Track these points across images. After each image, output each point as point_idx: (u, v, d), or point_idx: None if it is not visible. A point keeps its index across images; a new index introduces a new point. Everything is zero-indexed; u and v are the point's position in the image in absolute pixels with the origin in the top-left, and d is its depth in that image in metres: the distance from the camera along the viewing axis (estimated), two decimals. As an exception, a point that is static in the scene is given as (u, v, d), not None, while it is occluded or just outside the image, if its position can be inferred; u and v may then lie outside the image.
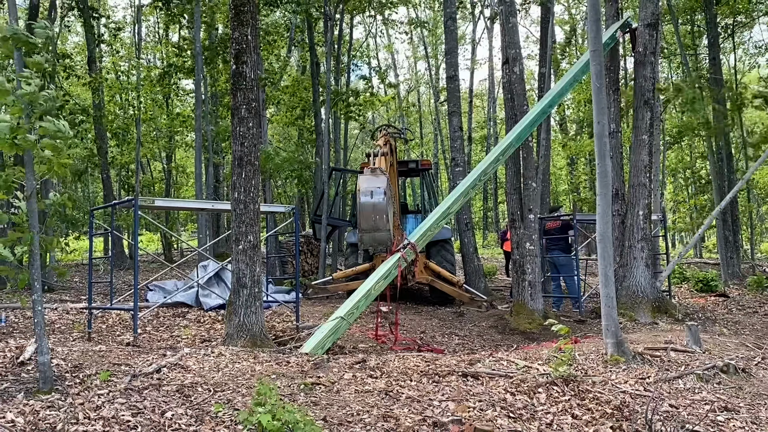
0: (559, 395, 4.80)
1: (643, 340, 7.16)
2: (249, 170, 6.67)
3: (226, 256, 15.09)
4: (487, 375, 5.34)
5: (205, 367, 5.28)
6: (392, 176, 10.60)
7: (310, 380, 4.94)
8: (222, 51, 15.96)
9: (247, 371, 5.19)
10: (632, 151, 10.17)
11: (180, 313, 9.86)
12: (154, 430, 3.67)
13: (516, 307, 9.55)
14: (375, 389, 4.80)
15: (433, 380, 5.18)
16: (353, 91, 17.60)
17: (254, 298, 6.55)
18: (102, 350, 6.18)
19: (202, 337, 7.82)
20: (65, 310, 9.87)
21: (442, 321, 10.02)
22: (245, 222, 6.61)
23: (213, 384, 4.68)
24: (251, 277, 6.55)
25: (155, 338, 7.85)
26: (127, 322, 8.94)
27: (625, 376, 5.38)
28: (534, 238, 9.59)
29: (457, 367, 5.63)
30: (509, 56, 9.92)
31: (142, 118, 20.22)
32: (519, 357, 6.38)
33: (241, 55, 6.72)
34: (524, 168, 9.79)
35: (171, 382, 4.69)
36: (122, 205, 8.95)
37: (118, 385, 4.54)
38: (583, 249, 22.63)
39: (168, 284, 11.68)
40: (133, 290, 7.96)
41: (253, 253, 6.60)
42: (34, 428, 3.64)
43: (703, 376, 5.39)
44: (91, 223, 9.04)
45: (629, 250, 9.84)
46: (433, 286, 11.34)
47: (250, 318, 6.49)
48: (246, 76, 6.71)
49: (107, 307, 8.91)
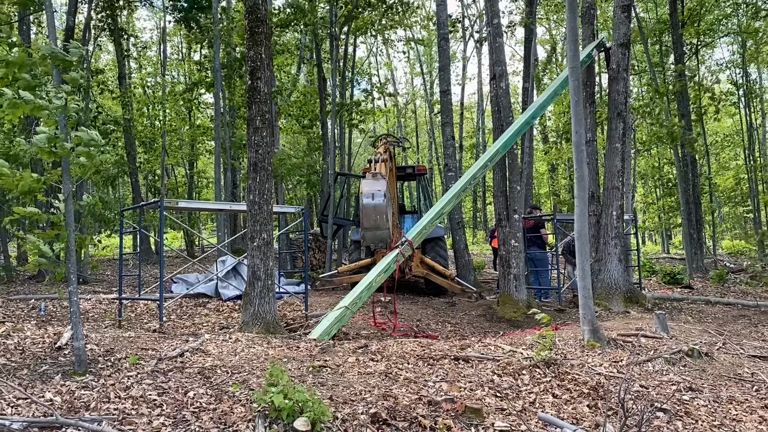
0: (541, 377, 4.80)
1: (616, 327, 7.16)
2: (263, 175, 6.67)
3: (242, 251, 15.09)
4: (477, 359, 5.34)
5: (224, 351, 5.28)
6: (391, 180, 10.59)
7: (317, 363, 4.94)
8: (238, 68, 15.95)
9: (261, 355, 5.19)
10: (606, 158, 10.17)
11: (201, 303, 9.86)
12: (177, 407, 3.67)
13: (502, 297, 9.55)
14: (376, 371, 4.80)
15: (428, 363, 5.18)
16: (356, 102, 17.56)
17: (267, 289, 6.55)
18: (131, 336, 6.18)
19: (220, 325, 7.82)
20: (98, 300, 9.86)
21: (436, 310, 10.02)
22: (259, 221, 6.62)
23: (230, 366, 4.67)
24: (265, 270, 6.55)
25: (179, 325, 7.85)
26: (154, 311, 8.93)
27: (600, 359, 5.38)
28: (518, 235, 9.60)
29: (449, 352, 5.63)
30: (496, 72, 9.91)
31: (166, 129, 20.22)
32: (505, 342, 6.38)
33: (256, 71, 6.71)
34: (510, 173, 9.80)
35: (193, 364, 4.69)
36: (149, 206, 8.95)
37: (145, 367, 4.54)
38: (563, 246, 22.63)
39: (190, 277, 11.68)
40: (159, 282, 7.96)
41: (266, 249, 6.60)
42: (70, 406, 3.64)
43: (670, 359, 5.39)
44: (122, 223, 9.05)
45: (604, 246, 9.84)
46: (428, 278, 11.33)
47: (264, 307, 6.49)
48: (260, 91, 6.70)
49: (136, 298, 8.91)
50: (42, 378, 4.20)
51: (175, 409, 3.65)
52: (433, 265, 11.27)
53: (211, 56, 16.47)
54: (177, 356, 4.92)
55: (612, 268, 9.68)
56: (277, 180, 15.02)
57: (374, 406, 3.80)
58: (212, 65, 15.80)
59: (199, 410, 3.64)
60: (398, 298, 11.23)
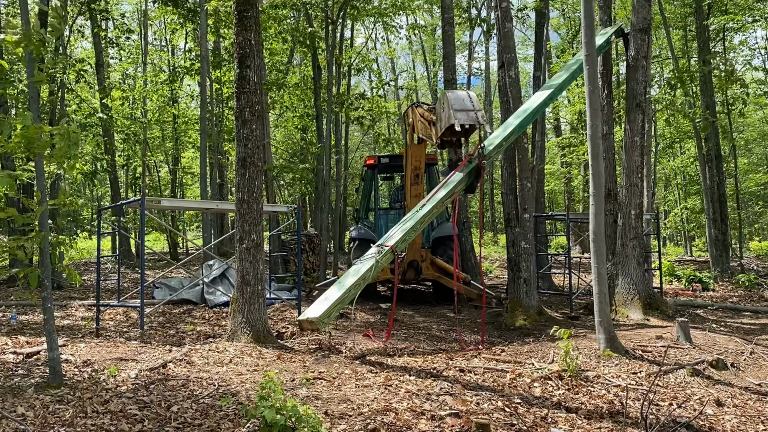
0: (554, 389, 4.80)
1: (634, 336, 7.16)
2: (252, 171, 6.67)
3: (230, 254, 15.09)
4: (484, 370, 5.34)
5: (210, 362, 5.28)
6: (423, 148, 10.37)
7: (311, 375, 4.94)
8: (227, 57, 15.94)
9: (251, 366, 5.19)
10: (625, 152, 10.17)
11: (185, 310, 9.86)
12: (160, 423, 3.67)
13: (511, 303, 9.55)
14: (375, 383, 4.80)
15: (431, 375, 5.18)
16: (360, 95, 17.52)
17: (257, 295, 6.54)
18: (110, 346, 6.18)
19: (206, 334, 7.82)
20: (74, 308, 9.86)
21: (440, 318, 10.02)
22: (249, 221, 6.61)
23: (218, 378, 4.67)
24: (255, 275, 6.55)
25: (161, 334, 7.85)
26: (134, 319, 8.93)
27: (617, 370, 5.38)
28: (529, 236, 9.59)
29: (454, 363, 5.63)
30: (505, 60, 9.91)
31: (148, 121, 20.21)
32: (514, 352, 6.38)
33: (245, 59, 6.71)
34: (519, 169, 9.79)
35: (177, 376, 4.68)
36: (129, 204, 8.95)
37: (125, 379, 4.54)
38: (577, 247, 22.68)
39: (174, 282, 11.66)
40: (140, 288, 7.96)
41: (256, 251, 6.60)
42: (44, 422, 3.64)
43: (693, 370, 5.39)
44: (99, 223, 9.04)
45: (622, 248, 9.83)
46: (439, 282, 11.15)
47: (254, 315, 6.48)
48: (249, 80, 6.70)
49: (115, 304, 8.90)
50: (14, 391, 4.20)
51: (158, 424, 3.65)
52: (445, 267, 11.03)
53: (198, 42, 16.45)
54: (159, 367, 4.92)
55: (630, 272, 9.69)
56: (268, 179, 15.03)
57: (372, 421, 3.79)
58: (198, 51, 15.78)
59: (184, 426, 3.64)
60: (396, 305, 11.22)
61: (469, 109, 7.50)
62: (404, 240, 7.50)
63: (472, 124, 7.42)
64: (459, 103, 7.57)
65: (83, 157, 16.59)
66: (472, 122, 7.42)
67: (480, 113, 7.53)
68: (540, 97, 9.62)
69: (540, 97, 9.65)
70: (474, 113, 7.47)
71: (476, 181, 8.14)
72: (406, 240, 7.60)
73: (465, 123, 7.38)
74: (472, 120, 7.42)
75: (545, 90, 9.85)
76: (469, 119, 7.41)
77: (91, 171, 14.56)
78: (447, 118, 7.53)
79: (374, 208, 12.89)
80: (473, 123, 7.42)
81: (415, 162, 10.29)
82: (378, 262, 6.99)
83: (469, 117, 7.42)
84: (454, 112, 7.41)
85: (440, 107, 7.89)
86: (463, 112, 7.45)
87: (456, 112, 7.41)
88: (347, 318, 9.28)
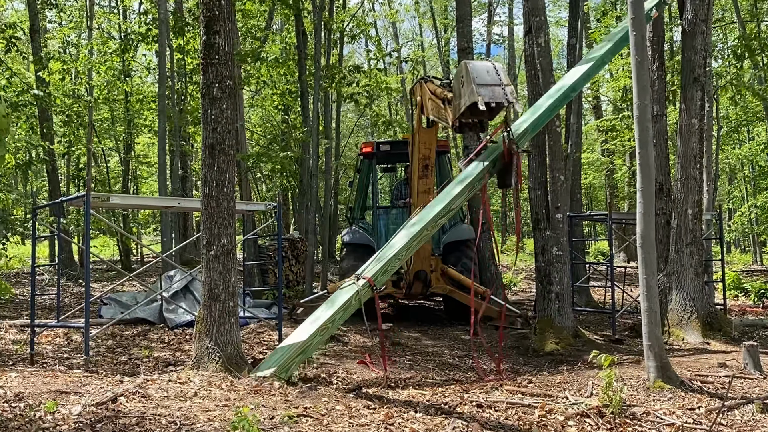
0: (593, 429, 4.80)
1: (692, 363, 7.16)
2: (222, 161, 6.66)
3: (195, 263, 15.10)
4: (507, 405, 5.34)
5: (170, 395, 5.28)
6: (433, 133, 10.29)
7: (295, 411, 4.94)
8: (192, 20, 15.95)
9: (221, 400, 5.19)
10: (680, 138, 10.17)
11: (140, 331, 9.85)
12: (109, 470, 3.67)
13: (540, 323, 9.55)
14: (373, 422, 4.80)
15: (442, 411, 5.18)
16: (355, 66, 17.51)
17: (229, 313, 6.54)
18: (47, 376, 6.17)
19: (166, 360, 7.82)
20: (3, 328, 9.86)
21: (453, 341, 10.03)
22: (218, 223, 6.61)
23: (180, 416, 4.67)
24: (225, 288, 6.54)
25: (111, 361, 7.84)
26: (78, 342, 8.93)
27: (670, 405, 5.38)
28: (562, 241, 9.58)
29: (470, 396, 5.63)
30: (533, 24, 9.91)
31: (95, 99, 20.20)
32: (544, 383, 6.38)
33: (213, 23, 6.70)
34: (550, 159, 9.79)
35: (129, 413, 4.68)
36: (72, 202, 8.94)
37: (66, 417, 4.54)
38: (621, 254, 22.69)
39: (126, 297, 11.66)
40: (84, 304, 7.95)
41: (227, 259, 6.60)
42: (-35, 469, 3.64)
43: (764, 405, 5.39)
44: (34, 224, 9.04)
45: (676, 255, 9.84)
46: (452, 297, 11.12)
47: (224, 337, 6.48)
48: (219, 49, 6.70)
49: (53, 324, 8.89)
50: (-72, 431, 4.20)
51: (106, 472, 3.65)
52: (460, 279, 10.99)
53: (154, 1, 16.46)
54: (108, 402, 4.92)
55: (687, 285, 9.69)
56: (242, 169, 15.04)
57: (370, 468, 3.80)
58: (156, 13, 15.79)
59: (138, 474, 3.64)
60: (400, 324, 11.23)
61: (495, 84, 7.40)
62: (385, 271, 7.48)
63: (499, 102, 7.27)
64: (482, 76, 7.44)
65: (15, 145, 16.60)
66: (500, 100, 7.27)
67: (509, 89, 7.42)
68: (577, 73, 9.62)
69: (577, 72, 9.65)
70: (501, 89, 7.37)
71: (508, 174, 7.99)
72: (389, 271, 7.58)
73: (490, 101, 7.23)
74: (499, 97, 7.28)
75: (584, 64, 9.85)
76: (496, 96, 7.27)
77: (24, 161, 14.56)
78: (468, 94, 7.41)
79: (372, 207, 12.88)
80: (500, 101, 7.28)
81: (423, 150, 10.21)
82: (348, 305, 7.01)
83: (495, 94, 7.29)
84: (476, 87, 7.29)
85: (458, 82, 7.82)
86: (487, 87, 7.33)
87: (479, 88, 7.28)
88: (339, 342, 9.28)
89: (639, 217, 6.22)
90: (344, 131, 29.83)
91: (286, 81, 20.33)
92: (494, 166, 8.07)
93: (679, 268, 9.79)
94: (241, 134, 15.43)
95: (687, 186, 9.91)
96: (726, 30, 24.08)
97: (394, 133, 22.26)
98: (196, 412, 4.81)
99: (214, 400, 5.21)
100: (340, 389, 6.05)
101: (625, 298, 12.51)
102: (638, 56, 6.39)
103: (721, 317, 9.99)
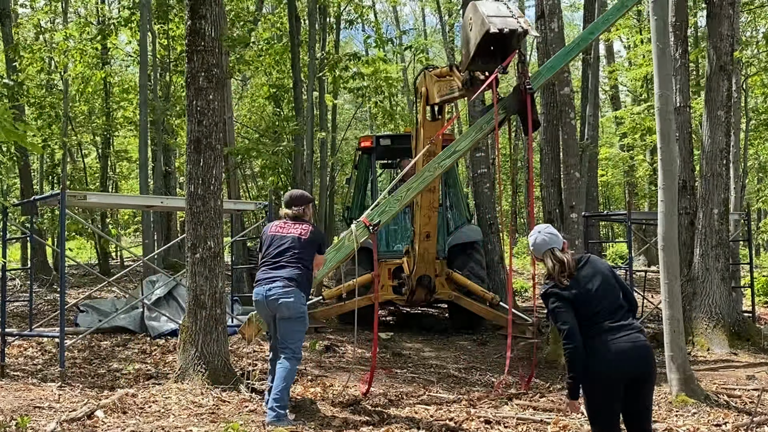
0: (610, 447, 4.79)
1: (718, 376, 7.16)
2: (209, 156, 6.66)
3: (179, 267, 15.09)
4: (517, 421, 5.34)
5: (152, 410, 5.28)
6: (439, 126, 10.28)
7: (288, 428, 4.94)
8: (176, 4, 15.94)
9: (207, 416, 5.19)
10: (704, 132, 10.17)
11: (120, 341, 9.85)
12: (85, 492, 3.68)
13: (554, 333, 9.56)
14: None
15: (447, 428, 5.18)
16: (353, 54, 17.45)
17: (216, 321, 6.54)
18: (19, 389, 6.17)
19: (148, 373, 7.81)
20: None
21: (459, 351, 10.02)
22: (204, 223, 6.61)
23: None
24: (212, 294, 6.54)
25: (87, 374, 7.84)
26: (52, 353, 8.93)
27: (695, 421, 5.38)
28: (577, 243, 9.59)
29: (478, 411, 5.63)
30: (545, 7, 9.93)
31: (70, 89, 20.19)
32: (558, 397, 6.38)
33: (198, 7, 6.70)
34: (564, 153, 9.78)
35: (108, 429, 4.68)
36: (45, 201, 8.94)
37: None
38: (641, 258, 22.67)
39: (104, 304, 11.64)
40: (59, 312, 7.95)
41: (213, 263, 6.60)
42: (-70, 490, 3.64)
43: (796, 422, 5.39)
44: (5, 225, 9.03)
45: (701, 259, 9.84)
46: (458, 304, 11.09)
47: (211, 347, 6.48)
48: (205, 35, 6.69)
49: (26, 334, 8.89)
50: None
51: (83, 493, 3.65)
52: (466, 284, 10.95)
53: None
54: (84, 418, 4.92)
55: (712, 291, 9.69)
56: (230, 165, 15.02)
57: (369, 489, 3.80)
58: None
59: (117, 495, 3.65)
60: (401, 334, 11.22)
61: (507, 15, 7.58)
62: (383, 211, 7.46)
63: (513, 28, 7.39)
64: (493, 10, 7.63)
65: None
66: (513, 27, 7.40)
67: (522, 19, 7.57)
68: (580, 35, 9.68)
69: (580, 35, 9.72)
70: (514, 18, 7.53)
71: (525, 120, 7.92)
72: (386, 211, 7.53)
73: (503, 27, 7.39)
74: (512, 24, 7.43)
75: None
76: (508, 24, 7.42)
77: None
78: (479, 25, 7.56)
79: (371, 206, 12.84)
80: (514, 27, 7.40)
81: (429, 144, 10.18)
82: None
83: (508, 22, 7.45)
84: (486, 18, 7.45)
85: (467, 24, 7.95)
86: (499, 17, 7.50)
87: (490, 18, 7.45)
88: (334, 352, 9.27)
89: (660, 217, 6.22)
90: (341, 123, 29.80)
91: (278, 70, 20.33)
92: (505, 108, 8.10)
93: (704, 272, 9.79)
94: (229, 127, 15.41)
95: (713, 183, 9.91)
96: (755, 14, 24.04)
97: (396, 126, 22.23)
98: (180, 429, 4.81)
99: (200, 416, 5.21)
100: (337, 404, 6.05)
101: (645, 305, 12.50)
102: (659, 42, 6.39)
103: (749, 326, 9.99)
